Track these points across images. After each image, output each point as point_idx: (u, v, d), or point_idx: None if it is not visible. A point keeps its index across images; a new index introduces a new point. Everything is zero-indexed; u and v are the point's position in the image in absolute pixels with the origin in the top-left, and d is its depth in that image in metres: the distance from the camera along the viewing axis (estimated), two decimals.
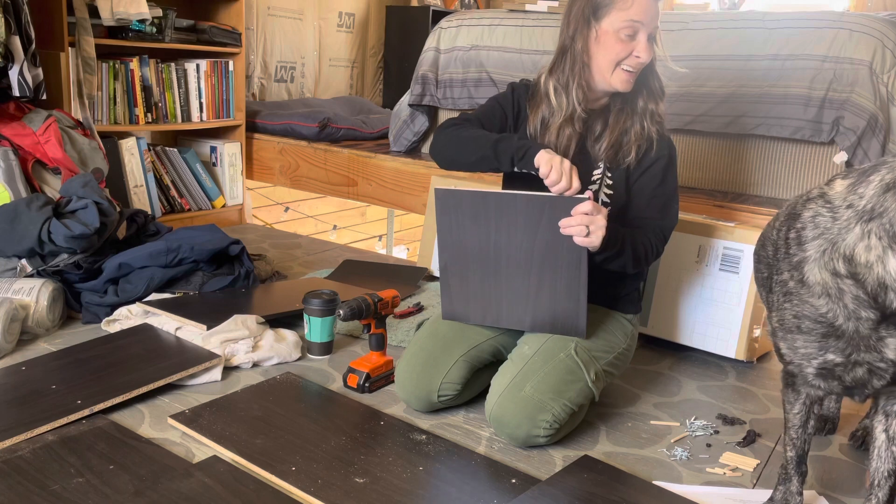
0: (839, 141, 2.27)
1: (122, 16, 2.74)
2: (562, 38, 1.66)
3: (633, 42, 1.58)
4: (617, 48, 1.58)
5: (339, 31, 4.47)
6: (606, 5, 1.57)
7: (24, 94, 2.30)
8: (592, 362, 1.61)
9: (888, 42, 2.20)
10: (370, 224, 4.59)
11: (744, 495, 1.43)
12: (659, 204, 1.68)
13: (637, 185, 1.68)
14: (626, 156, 1.66)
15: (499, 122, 1.74)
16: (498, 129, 1.72)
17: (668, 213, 1.70)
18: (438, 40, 3.10)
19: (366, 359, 1.84)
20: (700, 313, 2.11)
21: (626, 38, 1.57)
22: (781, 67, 2.34)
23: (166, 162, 3.23)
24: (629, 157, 1.66)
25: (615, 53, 1.58)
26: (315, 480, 1.38)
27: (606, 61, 1.60)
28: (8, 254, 2.09)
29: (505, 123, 1.74)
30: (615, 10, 1.56)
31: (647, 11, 1.56)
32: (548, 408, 1.52)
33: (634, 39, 1.58)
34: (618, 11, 1.56)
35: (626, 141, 1.66)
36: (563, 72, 1.65)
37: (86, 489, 1.31)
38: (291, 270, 2.78)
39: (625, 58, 1.58)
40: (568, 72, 1.64)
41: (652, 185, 1.68)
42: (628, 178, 1.68)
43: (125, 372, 1.74)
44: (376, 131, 3.58)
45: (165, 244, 2.19)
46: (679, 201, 1.74)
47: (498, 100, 1.77)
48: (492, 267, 1.61)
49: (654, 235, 1.66)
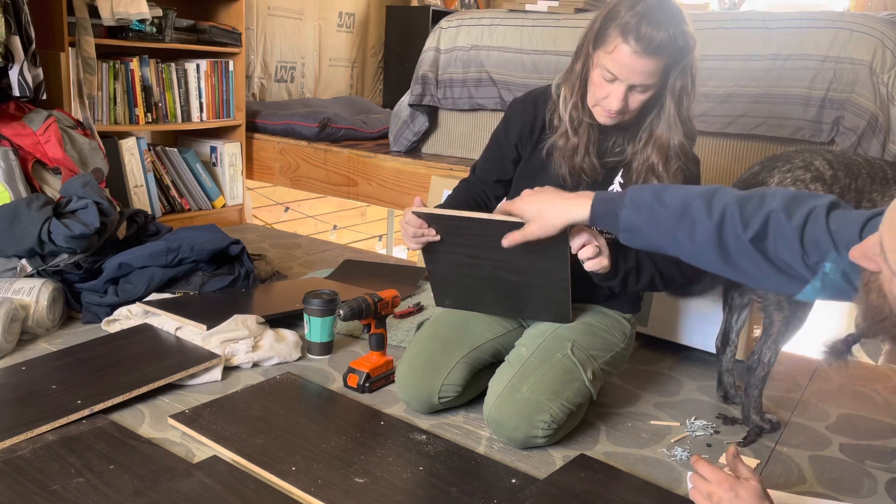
0: (839, 141, 2.27)
1: (122, 16, 2.74)
2: (577, 47, 1.58)
3: (610, 85, 1.48)
4: (597, 84, 1.51)
5: (339, 31, 4.47)
6: (600, 40, 1.47)
7: (24, 94, 2.30)
8: (589, 362, 1.61)
9: (888, 42, 2.20)
10: (370, 224, 4.59)
11: None
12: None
13: None
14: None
15: (501, 163, 1.73)
16: (508, 167, 1.73)
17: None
18: (438, 40, 3.10)
19: (366, 359, 1.84)
20: (700, 313, 2.11)
21: (603, 80, 1.49)
22: (781, 67, 2.34)
23: (166, 162, 3.23)
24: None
25: (595, 90, 1.52)
26: (315, 480, 1.38)
27: (590, 93, 1.55)
28: (8, 254, 2.09)
29: (514, 155, 1.72)
30: (602, 50, 1.47)
31: (625, 67, 1.43)
32: (545, 408, 1.52)
33: (612, 84, 1.48)
34: (603, 52, 1.47)
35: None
36: (570, 83, 1.59)
37: (86, 489, 1.31)
38: (291, 270, 2.78)
39: (601, 99, 1.51)
40: (568, 88, 1.59)
41: None
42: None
43: (125, 372, 1.74)
44: (376, 131, 3.58)
45: (165, 244, 2.19)
46: None
47: (497, 138, 1.74)
48: (475, 274, 1.60)
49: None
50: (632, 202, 1.21)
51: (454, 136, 3.18)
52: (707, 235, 1.13)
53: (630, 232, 1.21)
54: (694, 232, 1.14)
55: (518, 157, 1.72)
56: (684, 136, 1.55)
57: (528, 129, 1.69)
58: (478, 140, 3.09)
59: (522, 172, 1.72)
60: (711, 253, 1.14)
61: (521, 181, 1.71)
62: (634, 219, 1.19)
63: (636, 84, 1.46)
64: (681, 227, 1.15)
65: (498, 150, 1.74)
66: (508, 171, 1.74)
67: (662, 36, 1.40)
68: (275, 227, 3.81)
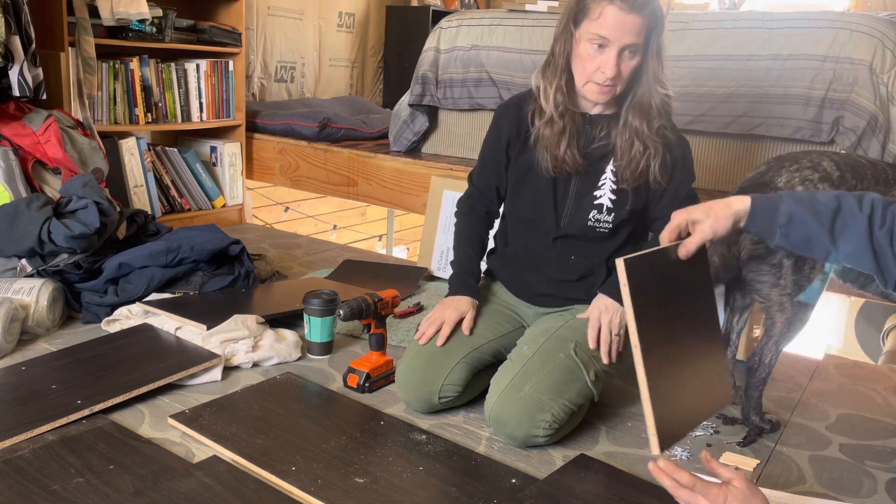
0: (839, 141, 2.27)
1: (122, 16, 2.74)
2: (554, 37, 1.63)
3: (600, 55, 1.52)
4: (586, 60, 1.54)
5: (339, 31, 4.47)
6: (584, 10, 1.52)
7: (24, 94, 2.30)
8: (592, 362, 1.61)
9: (888, 42, 2.20)
10: (370, 224, 4.59)
11: None
12: (680, 197, 1.68)
13: (655, 188, 1.68)
14: (638, 179, 1.65)
15: (497, 170, 1.77)
16: (504, 172, 1.76)
17: (692, 202, 1.70)
18: (438, 40, 3.10)
19: (366, 359, 1.84)
20: None
21: (593, 51, 1.52)
22: (781, 67, 2.34)
23: (166, 162, 3.23)
24: (641, 177, 1.65)
25: (584, 65, 1.55)
26: (315, 480, 1.38)
27: (579, 72, 1.57)
28: (8, 254, 2.09)
29: (506, 161, 1.75)
30: (587, 20, 1.51)
31: (616, 28, 1.48)
32: (547, 408, 1.52)
33: (603, 52, 1.51)
34: (588, 22, 1.51)
35: (635, 165, 1.63)
36: (547, 73, 1.63)
37: (86, 489, 1.31)
38: (291, 270, 2.78)
39: (593, 72, 1.54)
40: (550, 74, 1.62)
41: (674, 182, 1.68)
42: (647, 183, 1.67)
43: (125, 372, 1.74)
44: (376, 131, 3.58)
45: (165, 244, 2.19)
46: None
47: (491, 145, 1.77)
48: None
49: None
50: (790, 196, 1.26)
51: (454, 136, 3.18)
52: (858, 227, 1.21)
53: (789, 224, 1.24)
54: (847, 226, 1.22)
55: (509, 160, 1.75)
56: (664, 95, 1.60)
57: (515, 132, 1.72)
58: (478, 140, 3.08)
59: (512, 172, 1.75)
60: (864, 248, 1.21)
61: (512, 180, 1.75)
62: (795, 210, 1.24)
63: (627, 44, 1.50)
64: (838, 219, 1.22)
65: (493, 157, 1.78)
66: (504, 177, 1.78)
67: None
68: (275, 227, 3.81)
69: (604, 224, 1.68)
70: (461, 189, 2.66)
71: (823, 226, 1.22)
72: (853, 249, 1.21)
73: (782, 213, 1.24)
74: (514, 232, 1.79)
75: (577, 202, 1.68)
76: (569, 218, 1.69)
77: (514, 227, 1.79)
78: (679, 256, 1.25)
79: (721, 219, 1.26)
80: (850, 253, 1.22)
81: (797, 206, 1.24)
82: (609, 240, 1.70)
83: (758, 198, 1.28)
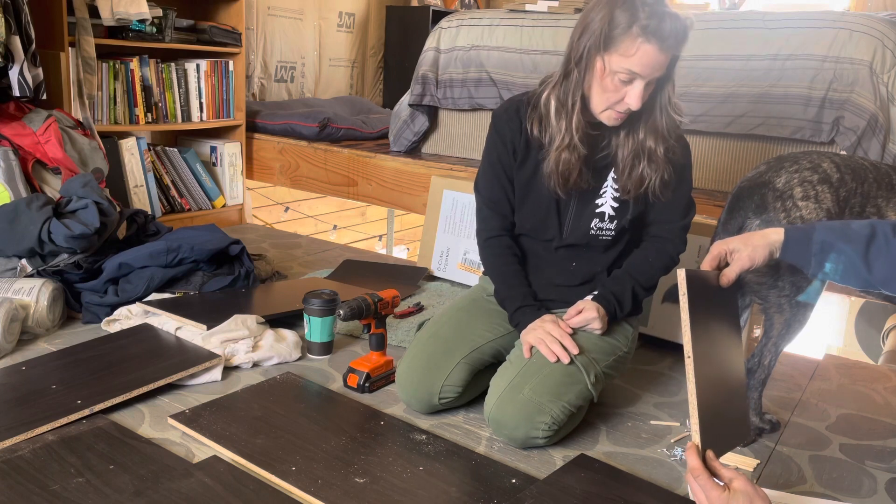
0: (839, 141, 2.27)
1: (122, 16, 2.74)
2: (570, 55, 1.57)
3: (626, 87, 1.50)
4: (610, 89, 1.51)
5: (339, 31, 4.47)
6: (614, 43, 1.47)
7: (24, 94, 2.30)
8: (592, 365, 1.60)
9: (888, 42, 2.20)
10: (370, 224, 4.59)
11: None
12: (680, 204, 1.69)
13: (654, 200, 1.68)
14: (638, 191, 1.65)
15: (508, 178, 1.72)
16: (507, 185, 1.72)
17: (689, 211, 1.71)
18: (438, 40, 3.10)
19: (366, 359, 1.84)
20: None
21: (619, 83, 1.50)
22: (781, 67, 2.34)
23: (166, 162, 3.23)
24: (645, 187, 1.64)
25: (607, 95, 1.52)
26: (315, 480, 1.38)
27: (599, 98, 1.54)
28: (8, 254, 2.09)
29: (511, 173, 1.72)
30: (617, 54, 1.47)
31: (648, 65, 1.46)
32: (546, 410, 1.52)
33: (629, 85, 1.49)
34: (619, 56, 1.47)
35: (638, 182, 1.63)
36: (564, 92, 1.58)
37: (86, 489, 1.31)
38: (291, 270, 2.78)
39: (615, 102, 1.52)
40: (571, 94, 1.57)
41: (675, 194, 1.68)
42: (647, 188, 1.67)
43: (125, 372, 1.74)
44: (376, 131, 3.58)
45: (165, 244, 2.19)
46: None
47: (497, 154, 1.72)
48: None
49: (670, 243, 1.70)
50: (823, 225, 1.29)
51: (454, 136, 3.18)
52: (892, 253, 1.22)
53: (822, 252, 1.26)
54: (881, 252, 1.23)
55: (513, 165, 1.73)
56: (674, 114, 1.61)
57: (518, 139, 1.69)
58: (478, 140, 3.09)
59: (517, 179, 1.72)
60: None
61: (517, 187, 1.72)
62: (827, 238, 1.26)
63: (654, 78, 1.50)
64: (872, 246, 1.23)
65: (500, 166, 1.72)
66: (512, 185, 1.74)
67: (681, 27, 1.45)
68: (275, 227, 3.81)
69: (606, 232, 1.68)
70: (461, 189, 2.67)
71: (857, 252, 1.23)
72: (888, 275, 1.22)
73: (815, 242, 1.25)
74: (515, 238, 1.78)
75: (579, 211, 1.68)
76: (571, 227, 1.69)
77: (516, 235, 1.78)
78: (720, 284, 1.30)
79: (758, 248, 1.30)
80: (886, 278, 1.23)
81: (830, 234, 1.25)
82: (611, 248, 1.71)
83: (791, 228, 1.30)
